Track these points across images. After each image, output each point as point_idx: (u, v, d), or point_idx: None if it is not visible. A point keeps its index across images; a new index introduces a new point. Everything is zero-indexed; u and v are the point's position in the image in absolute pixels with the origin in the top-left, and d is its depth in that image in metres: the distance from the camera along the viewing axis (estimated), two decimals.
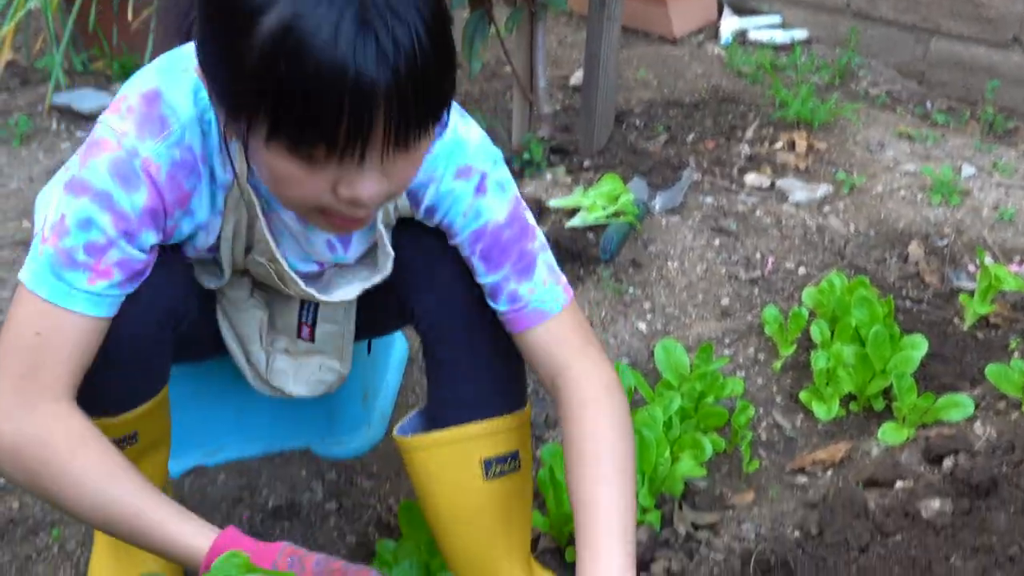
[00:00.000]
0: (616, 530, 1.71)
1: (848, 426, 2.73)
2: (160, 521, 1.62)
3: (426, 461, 1.98)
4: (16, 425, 1.63)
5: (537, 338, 1.85)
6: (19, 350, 1.64)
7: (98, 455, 1.64)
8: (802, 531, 2.26)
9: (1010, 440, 2.33)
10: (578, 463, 1.79)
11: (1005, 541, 1.93)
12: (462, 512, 1.98)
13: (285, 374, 2.09)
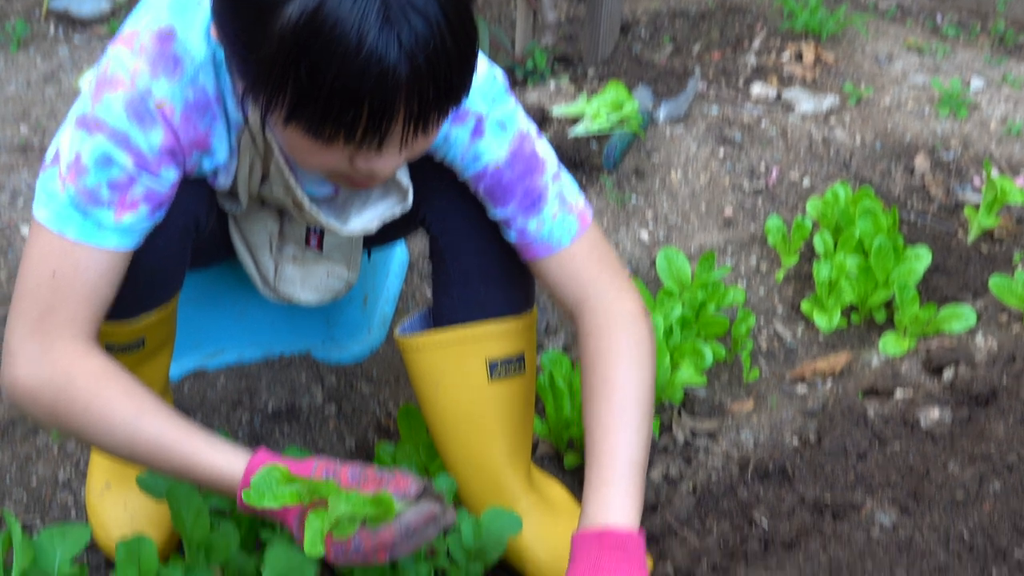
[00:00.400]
0: (623, 461, 1.72)
1: (849, 337, 2.73)
2: (192, 452, 1.62)
3: (430, 361, 1.98)
4: (35, 368, 1.63)
5: (550, 269, 1.85)
6: (36, 291, 1.63)
7: (123, 391, 1.64)
8: (800, 439, 2.26)
9: (1011, 351, 2.32)
10: (591, 395, 1.80)
11: (1003, 449, 1.93)
12: (465, 413, 1.98)
13: (293, 282, 2.09)
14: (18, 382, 1.64)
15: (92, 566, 2.16)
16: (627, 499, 1.69)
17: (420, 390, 2.01)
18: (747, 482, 2.14)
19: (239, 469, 1.60)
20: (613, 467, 1.71)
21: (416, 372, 2.00)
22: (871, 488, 1.99)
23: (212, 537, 1.82)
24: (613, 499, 1.69)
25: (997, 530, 1.79)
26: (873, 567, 1.71)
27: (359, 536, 1.55)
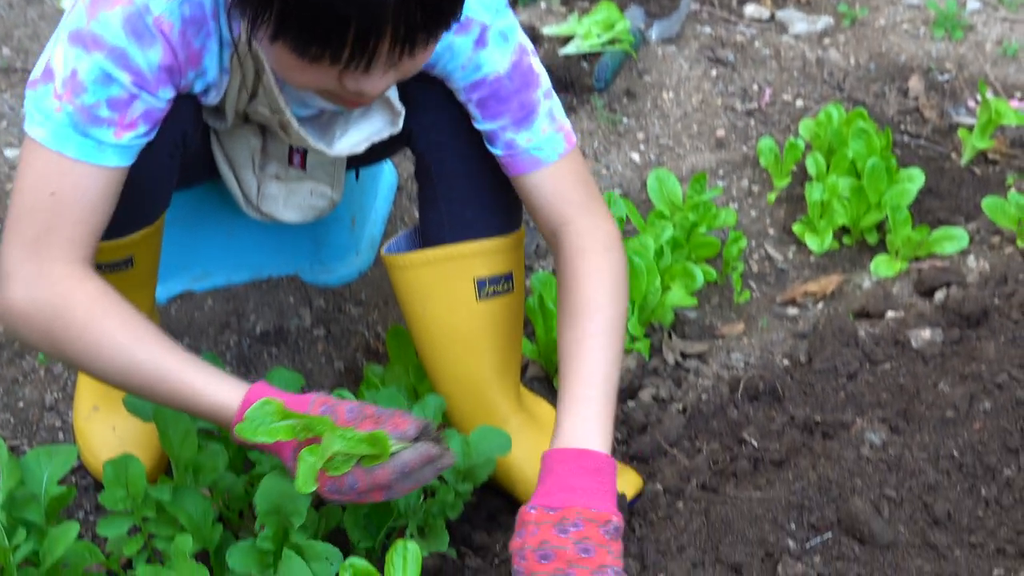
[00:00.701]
0: (598, 383, 1.71)
1: (841, 259, 2.71)
2: (188, 381, 1.60)
3: (418, 280, 1.96)
4: (31, 290, 1.60)
5: (534, 186, 1.83)
6: (33, 211, 1.60)
7: (120, 319, 1.62)
8: (791, 359, 2.26)
9: (1003, 272, 2.31)
10: (568, 317, 1.78)
11: (994, 369, 1.93)
12: (453, 333, 1.96)
13: (275, 200, 2.07)
14: (13, 304, 1.61)
15: (80, 488, 2.16)
16: (600, 422, 1.68)
17: (408, 310, 2.00)
18: (737, 403, 2.14)
19: (236, 401, 1.58)
20: (587, 389, 1.70)
21: (403, 291, 1.99)
22: (861, 407, 1.99)
23: (200, 458, 1.81)
24: (587, 422, 1.67)
25: (987, 449, 1.79)
26: (863, 484, 1.71)
27: (354, 474, 1.54)
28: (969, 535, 1.69)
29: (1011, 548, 1.63)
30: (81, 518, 2.11)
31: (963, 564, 1.61)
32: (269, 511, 1.67)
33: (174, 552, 1.67)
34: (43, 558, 1.69)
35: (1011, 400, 1.85)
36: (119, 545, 1.81)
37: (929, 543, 1.66)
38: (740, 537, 1.64)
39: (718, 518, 1.68)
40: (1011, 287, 2.24)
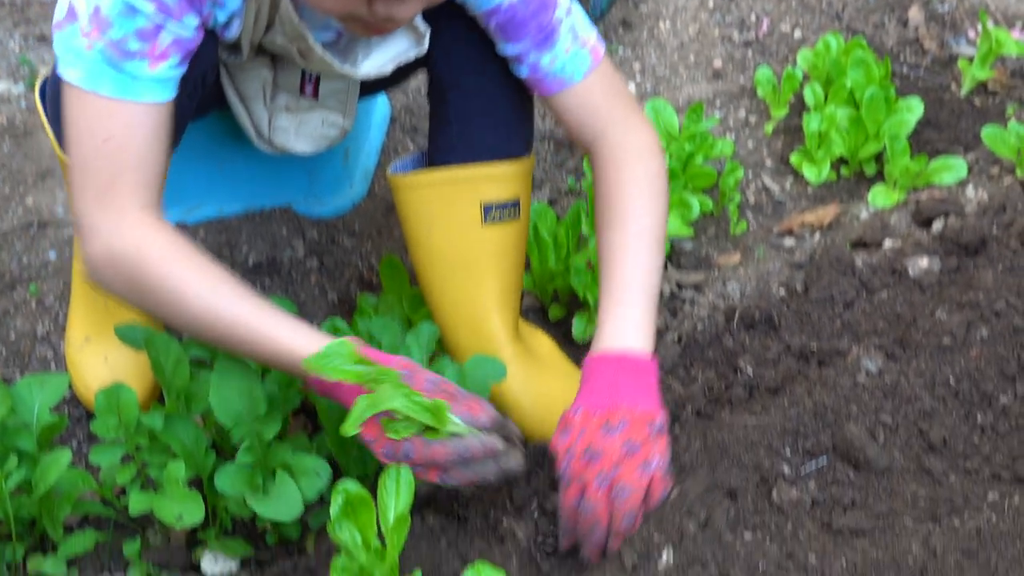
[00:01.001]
0: (639, 286, 1.72)
1: (838, 190, 2.69)
2: (269, 330, 1.60)
3: (423, 201, 1.94)
4: (108, 243, 1.60)
5: (564, 105, 1.83)
6: (94, 161, 1.59)
7: (197, 267, 1.61)
8: (787, 289, 2.24)
9: (1001, 202, 2.29)
10: (607, 225, 1.79)
11: (991, 297, 1.91)
12: (456, 256, 1.95)
13: (287, 132, 2.05)
14: (94, 258, 1.62)
15: (73, 419, 2.15)
16: (642, 324, 1.70)
17: (411, 232, 1.98)
18: (733, 332, 2.13)
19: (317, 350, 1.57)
20: (628, 292, 1.71)
21: (407, 212, 1.97)
22: (857, 335, 1.98)
23: (192, 386, 1.80)
24: (629, 323, 1.69)
25: (983, 376, 1.78)
26: (858, 411, 1.71)
27: (412, 442, 1.52)
28: (964, 461, 1.68)
29: (1006, 473, 1.63)
30: (74, 448, 2.11)
31: (958, 489, 1.60)
32: (235, 420, 1.68)
33: (167, 479, 1.67)
34: (35, 486, 1.69)
35: (1008, 328, 1.84)
36: (112, 473, 1.81)
37: (924, 468, 1.65)
38: (735, 462, 1.64)
39: (713, 443, 1.67)
40: (1010, 216, 2.22)
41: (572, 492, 1.58)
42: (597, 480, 1.56)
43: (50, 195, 2.56)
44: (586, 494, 1.57)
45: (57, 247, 2.45)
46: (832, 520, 1.56)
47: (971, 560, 1.41)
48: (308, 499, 1.68)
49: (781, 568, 1.43)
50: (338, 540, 1.39)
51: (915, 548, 1.43)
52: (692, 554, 1.49)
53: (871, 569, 1.41)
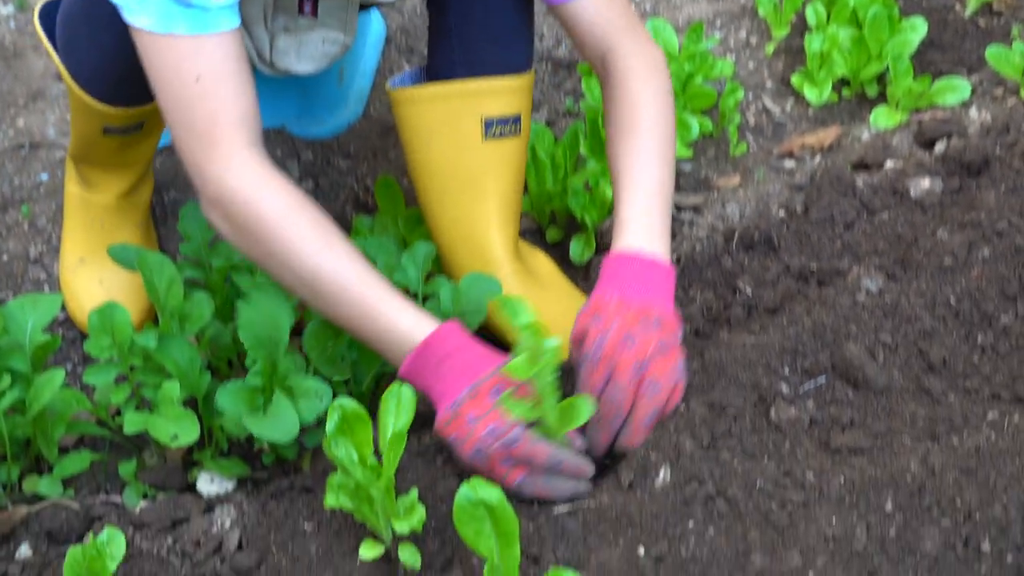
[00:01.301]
0: (652, 195, 1.70)
1: (839, 112, 2.65)
2: (378, 299, 1.57)
3: (423, 115, 1.91)
4: (218, 184, 1.57)
5: (574, 15, 1.79)
6: (189, 103, 1.55)
7: (310, 221, 1.58)
8: (787, 210, 2.22)
9: (1005, 122, 2.26)
10: (620, 135, 1.76)
11: (993, 217, 1.89)
12: (455, 172, 1.92)
13: (287, 53, 2.01)
14: (206, 202, 1.61)
15: (67, 341, 2.14)
16: (664, 232, 1.69)
17: (410, 147, 1.95)
18: (732, 252, 2.11)
19: (421, 334, 1.55)
20: (641, 199, 1.70)
21: (407, 128, 1.94)
22: (858, 256, 1.96)
23: (186, 306, 1.79)
24: (654, 230, 1.68)
25: (984, 296, 1.77)
26: (858, 330, 1.69)
27: (521, 431, 1.49)
28: (964, 380, 1.67)
29: (1006, 393, 1.62)
30: (69, 371, 2.10)
31: (957, 408, 1.60)
32: (255, 343, 1.66)
33: (161, 399, 1.66)
34: (29, 406, 1.68)
35: (1010, 247, 1.82)
36: (107, 394, 1.80)
37: (923, 388, 1.65)
38: (733, 382, 1.63)
39: (711, 363, 1.66)
40: (1013, 136, 2.19)
41: (600, 373, 1.55)
42: (633, 368, 1.54)
43: (41, 117, 2.53)
44: (616, 378, 1.54)
45: (49, 169, 2.42)
46: (830, 439, 1.55)
47: (970, 478, 1.40)
48: (306, 421, 1.66)
49: (778, 486, 1.42)
50: (334, 457, 1.38)
51: (913, 466, 1.43)
52: (689, 472, 1.49)
53: (869, 487, 1.40)
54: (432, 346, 1.54)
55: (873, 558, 1.33)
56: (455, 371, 1.53)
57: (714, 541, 1.38)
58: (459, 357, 1.54)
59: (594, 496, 1.51)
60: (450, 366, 1.53)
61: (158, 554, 1.55)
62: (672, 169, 1.75)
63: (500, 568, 1.21)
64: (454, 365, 1.54)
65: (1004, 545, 1.35)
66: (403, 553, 1.44)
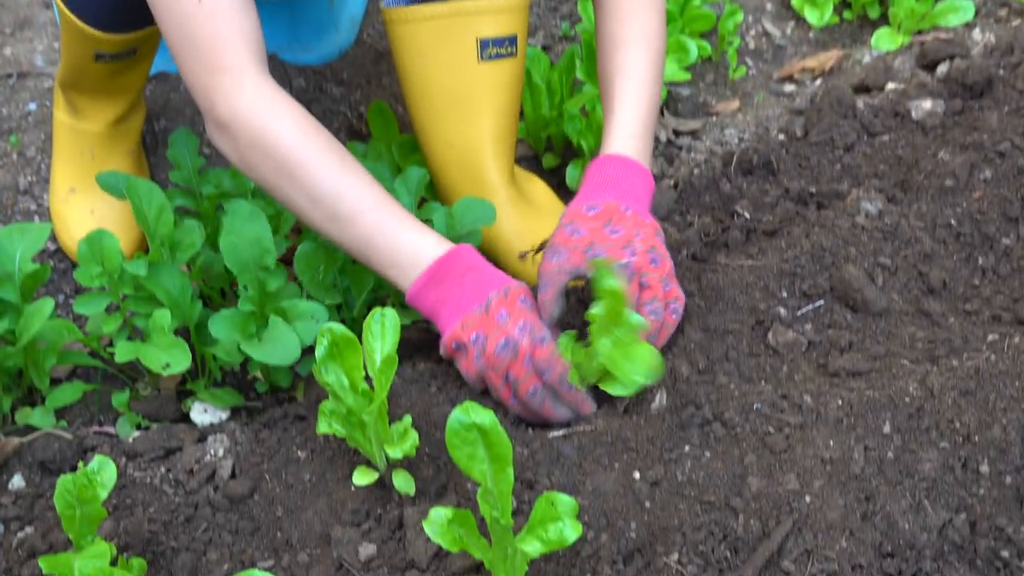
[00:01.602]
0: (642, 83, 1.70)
1: (840, 34, 2.61)
2: (400, 217, 1.55)
3: (417, 36, 1.87)
4: (227, 107, 1.53)
5: None
6: (193, 28, 1.51)
7: (326, 144, 1.55)
8: (787, 134, 2.19)
9: (1009, 43, 2.22)
10: (609, 47, 1.75)
11: (996, 138, 1.86)
12: (451, 94, 1.89)
13: None
14: (215, 127, 1.56)
15: (59, 272, 2.12)
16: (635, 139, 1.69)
17: (404, 68, 1.91)
18: (730, 177, 2.08)
19: (444, 248, 1.53)
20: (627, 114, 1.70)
21: (402, 48, 1.90)
22: (858, 179, 1.93)
23: (177, 234, 1.76)
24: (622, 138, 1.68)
25: (985, 217, 1.74)
26: (857, 253, 1.67)
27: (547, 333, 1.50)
28: (964, 303, 1.65)
29: (1006, 315, 1.60)
30: (61, 302, 2.07)
31: (957, 331, 1.58)
32: (241, 268, 1.63)
33: (152, 327, 1.64)
34: (19, 335, 1.66)
35: (1012, 168, 1.79)
36: (98, 323, 1.78)
37: (923, 311, 1.63)
38: (731, 305, 1.61)
39: (709, 286, 1.64)
40: (1017, 57, 2.15)
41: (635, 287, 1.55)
42: (663, 285, 1.56)
43: (28, 45, 2.48)
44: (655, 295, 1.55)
45: (37, 98, 2.38)
46: (828, 362, 1.54)
47: (969, 399, 1.39)
48: (306, 343, 1.64)
49: (775, 409, 1.41)
50: (324, 383, 1.37)
51: (912, 389, 1.41)
52: (686, 396, 1.47)
53: (867, 409, 1.39)
54: (459, 257, 1.53)
55: (871, 481, 1.32)
56: (482, 281, 1.53)
57: (710, 465, 1.37)
58: (485, 270, 1.55)
59: (589, 420, 1.50)
60: (476, 277, 1.53)
61: (151, 483, 1.54)
62: (660, 80, 1.74)
63: (494, 492, 1.20)
64: (480, 277, 1.54)
65: (1003, 467, 1.34)
66: (397, 479, 1.43)
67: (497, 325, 1.49)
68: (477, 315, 1.51)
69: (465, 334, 1.51)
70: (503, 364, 1.49)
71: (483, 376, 1.52)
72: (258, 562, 1.40)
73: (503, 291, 1.52)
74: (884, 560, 1.26)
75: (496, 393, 1.53)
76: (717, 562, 1.26)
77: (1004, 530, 1.29)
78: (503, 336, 1.49)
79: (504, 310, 1.50)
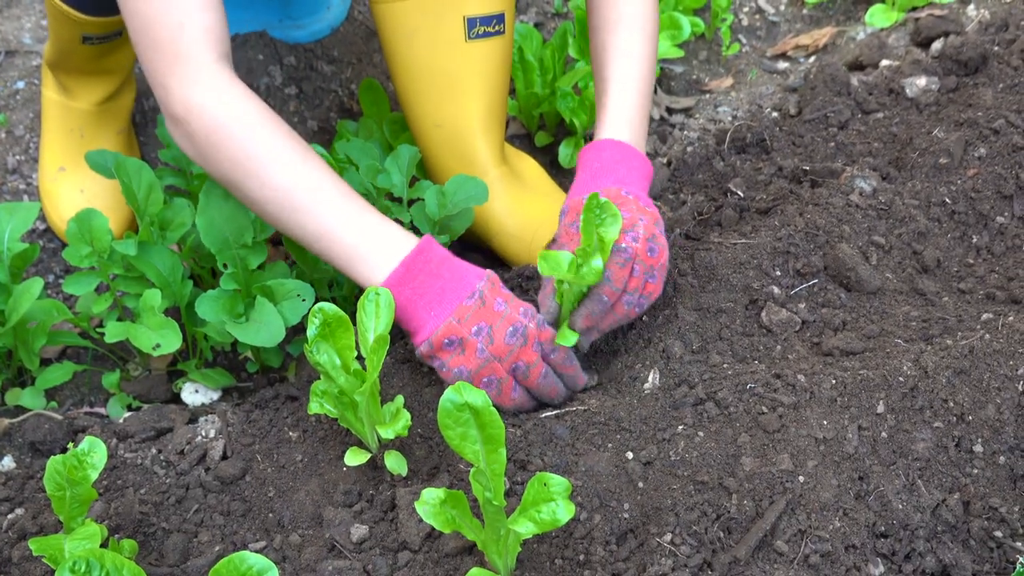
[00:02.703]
0: (637, 67, 1.69)
1: (835, 11, 2.59)
2: (362, 207, 1.49)
3: (403, 15, 1.85)
4: (184, 97, 1.48)
5: None
6: (156, 16, 1.47)
7: (285, 134, 1.50)
8: (780, 111, 2.18)
9: (1004, 19, 2.21)
10: (601, 28, 1.73)
11: (990, 115, 1.85)
12: (439, 74, 1.87)
13: None
14: (171, 118, 1.51)
15: (48, 252, 2.11)
16: (632, 124, 1.67)
17: (391, 49, 1.89)
18: (723, 155, 2.07)
19: (414, 240, 1.48)
20: (619, 95, 1.68)
21: (387, 28, 1.87)
22: (852, 156, 1.92)
23: (167, 212, 1.74)
24: (631, 124, 1.66)
25: (980, 195, 1.73)
26: (851, 231, 1.66)
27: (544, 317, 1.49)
28: (958, 282, 1.65)
29: (1001, 294, 1.59)
30: (50, 282, 2.06)
31: (951, 310, 1.57)
32: (221, 246, 1.61)
33: (142, 307, 1.63)
34: (8, 315, 1.65)
35: (1007, 146, 1.79)
36: (88, 303, 1.77)
37: (917, 290, 1.62)
38: (724, 284, 1.60)
39: (702, 265, 1.63)
40: (1012, 33, 2.14)
41: (627, 273, 1.52)
42: (646, 277, 1.53)
43: (16, 23, 2.46)
44: (636, 287, 1.53)
45: (25, 76, 2.36)
46: (822, 341, 1.53)
47: (963, 378, 1.38)
48: (291, 323, 1.61)
49: (769, 387, 1.40)
50: (316, 363, 1.36)
51: (906, 367, 1.40)
52: (679, 375, 1.46)
53: (861, 388, 1.38)
54: (430, 248, 1.48)
55: (864, 460, 1.32)
56: (460, 271, 1.48)
57: (703, 445, 1.36)
58: (456, 260, 1.50)
59: (582, 401, 1.49)
60: (452, 267, 1.48)
61: (142, 464, 1.53)
62: (654, 63, 1.73)
63: (486, 473, 1.19)
64: (457, 267, 1.49)
65: (997, 446, 1.33)
66: (389, 460, 1.42)
67: (500, 315, 1.46)
68: (473, 307, 1.46)
69: (464, 328, 1.46)
70: (513, 352, 1.46)
71: (481, 371, 1.47)
72: (249, 543, 1.39)
73: (486, 279, 1.49)
74: (877, 540, 1.26)
75: (494, 389, 1.48)
76: (710, 542, 1.26)
77: (998, 510, 1.29)
78: (510, 324, 1.46)
79: (500, 298, 1.48)
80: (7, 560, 1.39)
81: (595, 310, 1.50)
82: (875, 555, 1.25)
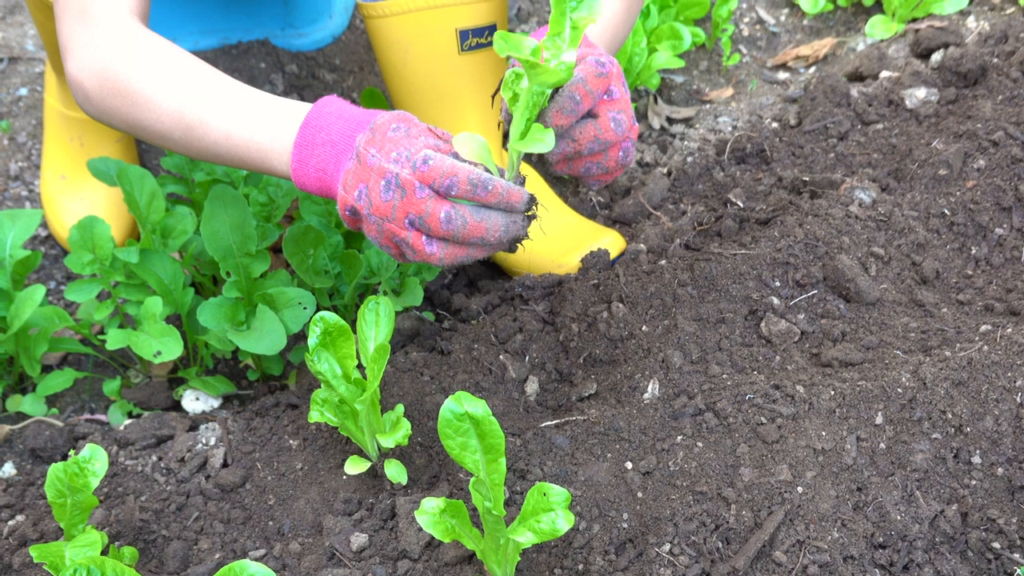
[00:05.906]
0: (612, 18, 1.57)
1: (835, 22, 2.60)
2: (254, 104, 1.38)
3: (397, 30, 1.86)
4: (82, 52, 1.46)
5: None
6: None
7: (172, 64, 1.43)
8: (780, 122, 2.18)
9: (1003, 31, 2.21)
10: None
11: (990, 127, 1.86)
12: (434, 87, 1.87)
13: None
14: (72, 74, 1.48)
15: (50, 259, 2.11)
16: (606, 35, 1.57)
17: (386, 63, 1.90)
18: (723, 165, 2.07)
19: (302, 115, 1.36)
20: None
21: (382, 43, 1.88)
22: (851, 167, 1.93)
23: (169, 220, 1.75)
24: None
25: (979, 207, 1.74)
26: (850, 242, 1.67)
27: (431, 151, 1.26)
28: (957, 293, 1.65)
29: (999, 305, 1.60)
30: (52, 289, 2.07)
31: (950, 321, 1.58)
32: (224, 254, 1.62)
33: (144, 314, 1.63)
34: (10, 322, 1.66)
35: (1007, 158, 1.79)
36: (89, 311, 1.77)
37: (916, 301, 1.63)
38: (724, 294, 1.60)
39: (701, 275, 1.63)
40: (1011, 45, 2.14)
41: (602, 86, 1.32)
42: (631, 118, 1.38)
43: (19, 30, 2.47)
44: (621, 108, 1.35)
45: (28, 83, 2.37)
46: (821, 352, 1.53)
47: (961, 389, 1.39)
48: (292, 331, 1.62)
49: (768, 398, 1.41)
50: (316, 372, 1.36)
51: (904, 379, 1.41)
52: (679, 386, 1.47)
53: (860, 399, 1.39)
54: (320, 115, 1.35)
55: (863, 471, 1.32)
56: (348, 127, 1.33)
57: (702, 455, 1.37)
58: (353, 114, 1.35)
59: (582, 411, 1.49)
60: (343, 125, 1.33)
61: (142, 472, 1.54)
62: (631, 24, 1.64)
63: (486, 483, 1.19)
64: (347, 124, 1.33)
65: (995, 458, 1.34)
66: (389, 469, 1.43)
67: (371, 169, 1.28)
68: (352, 168, 1.30)
69: (349, 196, 1.30)
70: (396, 207, 1.27)
71: (381, 239, 1.30)
72: (249, 551, 1.40)
73: (369, 127, 1.31)
74: (876, 551, 1.27)
75: (409, 252, 1.29)
76: (709, 553, 1.26)
77: (996, 521, 1.29)
78: (381, 178, 1.27)
79: (374, 148, 1.29)
80: (8, 567, 1.39)
81: (567, 107, 1.30)
82: (873, 566, 1.25)
